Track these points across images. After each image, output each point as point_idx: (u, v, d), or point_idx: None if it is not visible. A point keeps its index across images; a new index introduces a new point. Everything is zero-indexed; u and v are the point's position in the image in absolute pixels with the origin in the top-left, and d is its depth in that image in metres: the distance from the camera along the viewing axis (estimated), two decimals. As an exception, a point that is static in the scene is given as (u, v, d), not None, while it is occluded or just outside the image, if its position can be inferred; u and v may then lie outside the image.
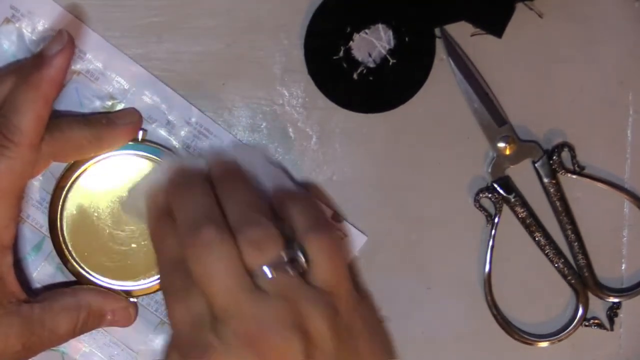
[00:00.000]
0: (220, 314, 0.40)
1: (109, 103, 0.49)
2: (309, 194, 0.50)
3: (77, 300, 0.46)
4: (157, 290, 0.49)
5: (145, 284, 0.49)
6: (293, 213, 0.44)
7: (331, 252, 0.43)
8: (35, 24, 0.48)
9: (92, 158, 0.48)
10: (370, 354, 0.44)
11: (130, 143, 0.48)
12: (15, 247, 0.46)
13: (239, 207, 0.43)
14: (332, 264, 0.43)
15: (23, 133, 0.43)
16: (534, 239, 0.51)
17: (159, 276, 0.43)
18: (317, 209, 0.46)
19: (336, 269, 0.43)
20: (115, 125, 0.47)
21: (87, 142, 0.46)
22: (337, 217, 0.50)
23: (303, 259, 0.42)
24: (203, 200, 0.43)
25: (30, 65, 0.44)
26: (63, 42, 0.43)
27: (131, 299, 0.49)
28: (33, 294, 0.47)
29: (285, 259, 0.41)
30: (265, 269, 0.41)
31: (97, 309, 0.47)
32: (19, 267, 0.49)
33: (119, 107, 0.49)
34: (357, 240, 0.51)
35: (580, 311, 0.52)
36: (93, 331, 0.48)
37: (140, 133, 0.48)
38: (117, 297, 0.48)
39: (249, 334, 0.40)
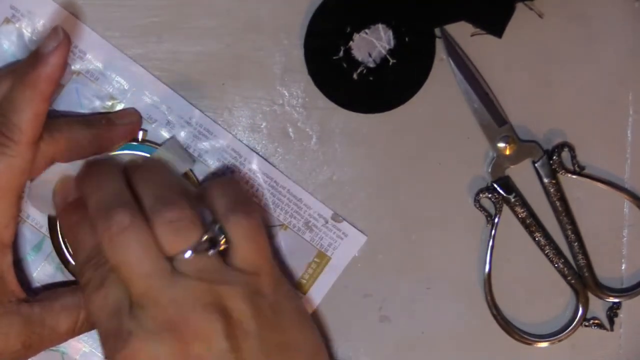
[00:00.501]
0: (139, 301, 0.39)
1: (109, 103, 0.49)
2: (231, 176, 0.49)
3: (77, 300, 0.46)
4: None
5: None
6: (213, 195, 0.43)
7: (251, 232, 0.42)
8: (35, 24, 0.48)
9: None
10: (298, 332, 0.43)
11: (131, 143, 0.48)
12: (15, 247, 0.46)
13: (153, 189, 0.42)
14: (252, 245, 0.42)
15: (22, 131, 0.43)
16: (534, 239, 0.51)
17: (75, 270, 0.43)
18: (237, 190, 0.45)
19: (257, 249, 0.42)
20: (114, 126, 0.47)
21: (87, 143, 0.46)
22: (337, 217, 0.50)
23: (223, 240, 0.41)
24: (114, 184, 0.42)
25: (26, 64, 0.44)
26: (58, 39, 0.43)
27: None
28: (33, 293, 0.47)
29: (204, 240, 0.41)
30: (184, 252, 0.40)
31: None
32: (19, 267, 0.49)
33: (119, 107, 0.49)
34: (357, 240, 0.51)
35: (580, 311, 0.52)
36: (93, 331, 0.47)
37: (141, 133, 0.49)
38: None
39: (168, 318, 0.39)
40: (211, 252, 0.41)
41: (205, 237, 0.41)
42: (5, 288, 0.44)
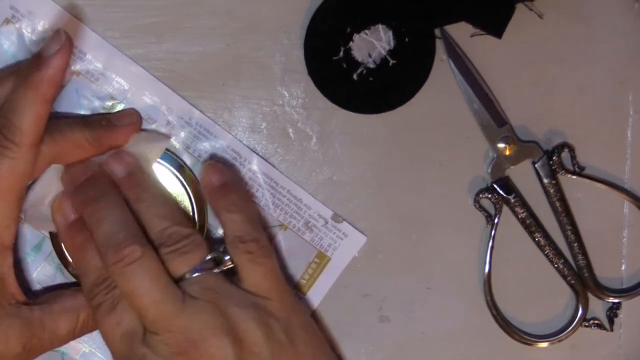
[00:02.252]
0: (151, 327, 0.41)
1: (109, 103, 0.49)
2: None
3: (77, 302, 0.46)
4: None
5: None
6: (223, 216, 0.46)
7: (259, 258, 0.44)
8: (35, 25, 0.48)
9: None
10: (312, 357, 0.45)
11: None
12: (15, 248, 0.46)
13: (158, 220, 0.44)
14: (261, 270, 0.44)
15: (23, 133, 0.43)
16: (533, 239, 0.51)
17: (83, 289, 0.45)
18: (247, 209, 0.47)
19: (265, 274, 0.44)
20: (114, 127, 0.47)
21: (87, 144, 0.46)
22: (337, 217, 0.50)
23: (230, 262, 0.44)
24: (119, 215, 0.44)
25: (29, 66, 0.44)
26: (61, 41, 0.43)
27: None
28: (33, 295, 0.47)
29: (209, 260, 0.43)
30: (190, 272, 0.43)
31: None
32: (18, 267, 0.49)
33: (119, 107, 0.49)
34: (357, 241, 0.51)
35: (580, 311, 0.52)
36: (94, 332, 0.47)
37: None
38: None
39: (181, 344, 0.41)
40: (216, 270, 0.44)
41: (210, 257, 0.44)
42: (5, 290, 0.44)
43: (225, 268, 0.44)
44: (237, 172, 0.50)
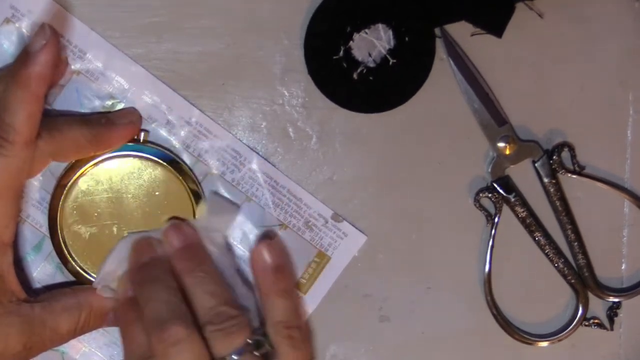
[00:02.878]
0: None
1: (109, 103, 0.49)
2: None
3: (78, 300, 0.46)
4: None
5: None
6: (272, 300, 0.46)
7: (300, 343, 0.45)
8: (36, 24, 0.48)
9: (92, 158, 0.48)
10: None
11: (132, 144, 0.48)
12: (15, 247, 0.46)
13: (208, 297, 0.44)
14: (301, 355, 0.45)
15: (17, 131, 0.43)
16: (534, 238, 0.51)
17: None
18: (295, 295, 0.47)
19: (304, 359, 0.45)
20: (114, 125, 0.47)
21: (86, 142, 0.46)
22: (337, 217, 0.50)
23: (269, 346, 0.44)
24: (168, 296, 0.44)
25: (17, 64, 0.43)
26: (46, 36, 0.43)
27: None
28: (33, 293, 0.47)
29: (251, 343, 0.44)
30: (232, 354, 0.43)
31: (98, 309, 0.47)
32: (19, 266, 0.49)
33: (119, 106, 0.49)
34: (357, 240, 0.51)
35: (580, 311, 0.52)
36: (93, 331, 0.47)
37: (142, 134, 0.49)
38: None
39: None
40: (257, 352, 0.44)
41: (252, 340, 0.44)
42: (6, 288, 0.44)
43: (265, 352, 0.44)
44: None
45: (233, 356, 0.43)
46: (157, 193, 0.49)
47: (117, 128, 0.47)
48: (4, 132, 0.42)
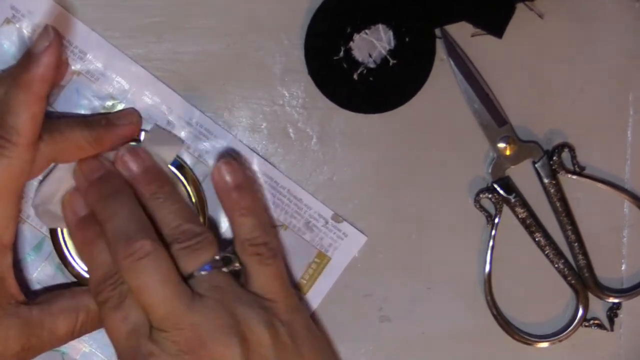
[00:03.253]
0: (159, 324, 0.41)
1: (109, 103, 0.49)
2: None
3: (76, 302, 0.46)
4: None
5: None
6: (236, 219, 0.46)
7: (267, 260, 0.45)
8: (36, 25, 0.48)
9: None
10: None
11: (132, 144, 0.48)
12: (15, 248, 0.46)
13: (172, 216, 0.44)
14: (268, 272, 0.45)
15: (19, 133, 0.43)
16: (534, 239, 0.51)
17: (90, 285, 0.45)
18: (259, 212, 0.47)
19: (273, 277, 0.45)
20: (114, 126, 0.47)
21: (86, 143, 0.46)
22: (337, 217, 0.50)
23: (238, 263, 0.44)
24: (132, 209, 0.44)
25: (20, 65, 0.44)
26: (49, 38, 0.43)
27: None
28: (33, 295, 0.47)
29: (219, 259, 0.43)
30: (200, 269, 0.43)
31: (96, 310, 0.46)
32: (18, 267, 0.48)
33: (120, 107, 0.49)
34: (357, 241, 0.51)
35: (580, 311, 0.52)
36: (94, 332, 0.47)
37: (142, 134, 0.48)
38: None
39: (189, 342, 0.41)
40: (225, 268, 0.44)
41: (219, 256, 0.44)
42: (5, 290, 0.44)
43: (233, 269, 0.45)
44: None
45: (201, 272, 0.43)
46: (157, 193, 0.49)
47: (118, 129, 0.47)
48: (6, 133, 0.42)
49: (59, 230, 0.48)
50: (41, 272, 0.49)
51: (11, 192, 0.44)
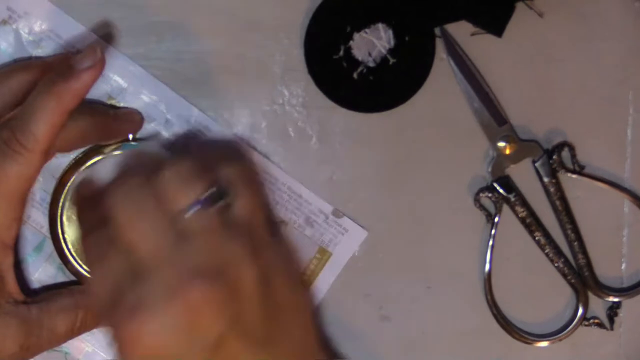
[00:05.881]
0: (141, 269, 0.38)
1: (108, 103, 0.49)
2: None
3: (75, 300, 0.46)
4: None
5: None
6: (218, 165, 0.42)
7: (248, 175, 0.41)
8: (32, 25, 0.48)
9: (92, 157, 0.48)
10: (290, 292, 0.42)
11: (133, 143, 0.48)
12: (16, 248, 0.45)
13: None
14: (249, 190, 0.41)
15: (38, 141, 0.42)
16: (534, 238, 0.51)
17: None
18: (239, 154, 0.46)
19: (252, 196, 0.41)
20: (121, 120, 0.47)
21: (90, 132, 0.46)
22: (337, 212, 0.50)
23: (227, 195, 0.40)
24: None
25: (57, 74, 0.43)
26: (95, 59, 0.43)
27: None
28: (34, 294, 0.46)
29: (211, 194, 0.39)
30: (192, 205, 0.39)
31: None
32: (19, 268, 0.49)
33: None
34: (358, 236, 0.51)
35: (580, 311, 0.52)
36: (96, 331, 0.47)
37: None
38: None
39: (172, 287, 0.37)
40: (217, 204, 0.39)
41: (212, 190, 0.39)
42: (4, 289, 0.44)
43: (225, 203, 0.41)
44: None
45: (190, 210, 0.39)
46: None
47: (124, 123, 0.48)
48: (25, 139, 0.42)
49: (59, 229, 0.48)
50: (42, 272, 0.49)
51: (17, 196, 0.43)
